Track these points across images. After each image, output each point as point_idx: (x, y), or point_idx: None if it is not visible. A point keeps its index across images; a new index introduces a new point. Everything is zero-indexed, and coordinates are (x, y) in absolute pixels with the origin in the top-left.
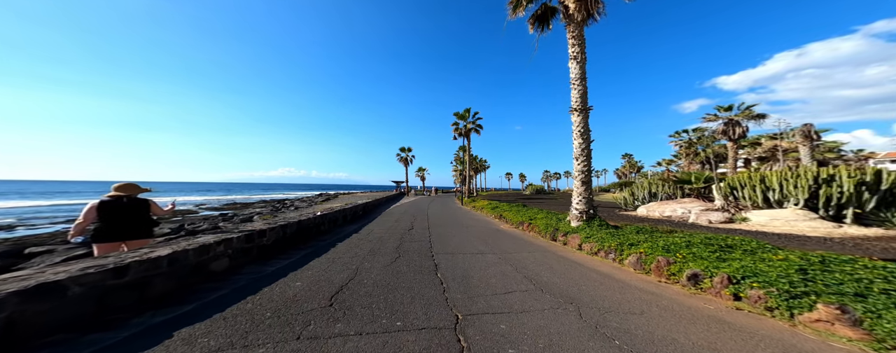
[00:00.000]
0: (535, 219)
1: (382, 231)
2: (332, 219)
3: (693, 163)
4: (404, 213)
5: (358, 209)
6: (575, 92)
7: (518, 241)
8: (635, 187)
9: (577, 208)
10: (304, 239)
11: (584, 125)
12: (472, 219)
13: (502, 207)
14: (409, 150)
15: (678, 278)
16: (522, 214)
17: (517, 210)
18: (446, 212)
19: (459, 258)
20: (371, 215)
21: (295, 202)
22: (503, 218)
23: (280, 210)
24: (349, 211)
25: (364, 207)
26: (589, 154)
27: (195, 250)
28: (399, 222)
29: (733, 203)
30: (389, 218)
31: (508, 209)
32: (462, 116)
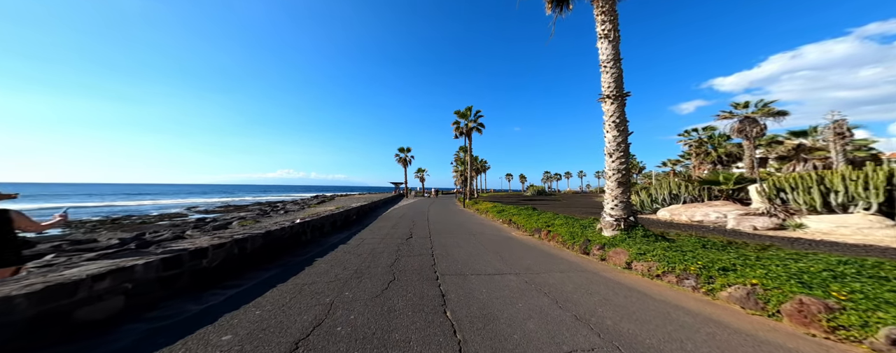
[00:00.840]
0: (553, 225)
1: (376, 241)
2: (317, 226)
3: (703, 163)
4: (402, 217)
5: (351, 213)
6: (607, 76)
7: (540, 254)
8: (653, 189)
9: (611, 214)
10: (274, 255)
11: (620, 114)
12: (477, 224)
13: (509, 210)
14: (408, 150)
15: (854, 335)
16: (536, 219)
17: (528, 215)
18: (448, 215)
19: (473, 283)
20: (365, 219)
21: (287, 205)
22: (513, 223)
23: (267, 214)
24: (339, 216)
25: (358, 210)
26: (627, 149)
27: (39, 295)
28: (396, 229)
29: (781, 207)
30: (386, 223)
31: (517, 213)
32: (463, 114)
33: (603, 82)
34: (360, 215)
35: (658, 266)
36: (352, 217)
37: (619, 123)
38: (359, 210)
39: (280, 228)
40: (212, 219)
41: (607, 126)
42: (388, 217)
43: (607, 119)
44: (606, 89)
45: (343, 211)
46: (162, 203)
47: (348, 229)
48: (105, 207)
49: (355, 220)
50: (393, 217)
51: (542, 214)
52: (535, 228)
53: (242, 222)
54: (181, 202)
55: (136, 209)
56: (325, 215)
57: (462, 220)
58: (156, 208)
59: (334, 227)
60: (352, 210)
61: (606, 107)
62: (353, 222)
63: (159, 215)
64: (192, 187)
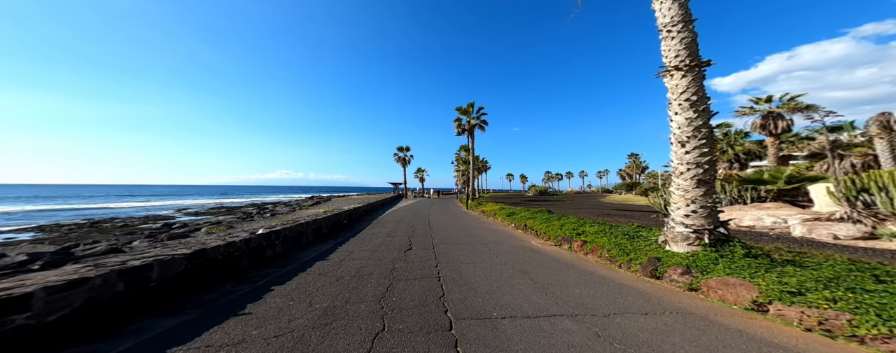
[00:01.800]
0: (585, 233)
1: (366, 255)
2: (292, 237)
3: (718, 162)
4: (401, 220)
5: (340, 218)
6: (673, 42)
7: (586, 277)
8: None
9: (686, 223)
10: (204, 284)
11: (697, 89)
12: (486, 230)
13: (520, 212)
14: (407, 149)
15: None
16: (559, 224)
17: (546, 219)
18: (451, 219)
19: (511, 336)
20: (358, 224)
21: (277, 207)
22: (531, 230)
23: (251, 218)
24: (325, 222)
25: (349, 214)
26: (709, 135)
27: None
28: (392, 237)
29: (867, 212)
30: (381, 229)
31: (531, 216)
32: (465, 111)
33: (667, 51)
34: (351, 220)
35: (844, 320)
36: (342, 222)
37: (696, 101)
38: (351, 214)
39: (225, 243)
40: (181, 223)
41: (677, 106)
42: (384, 222)
43: (676, 97)
44: (672, 59)
45: (332, 215)
46: (154, 205)
47: (335, 237)
48: (93, 209)
49: (346, 225)
50: (389, 221)
51: (564, 218)
52: (563, 236)
53: (213, 229)
54: (174, 203)
55: (124, 212)
56: (307, 220)
57: (468, 224)
58: (145, 210)
59: (318, 235)
60: (342, 214)
61: (674, 81)
62: (342, 229)
63: (145, 217)
64: (191, 189)
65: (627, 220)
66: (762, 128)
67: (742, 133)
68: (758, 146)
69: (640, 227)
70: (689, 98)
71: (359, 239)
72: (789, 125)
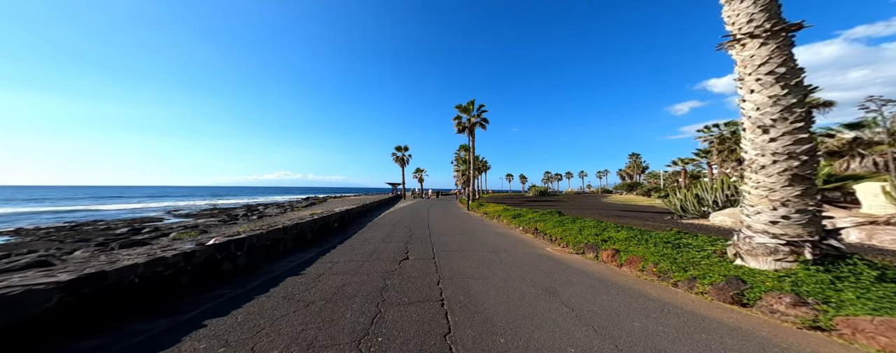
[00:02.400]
0: (614, 240)
1: (352, 267)
2: (262, 245)
3: (727, 161)
4: (397, 223)
5: (330, 221)
6: (744, 4)
7: (638, 301)
8: (699, 189)
9: (773, 233)
10: (109, 316)
11: (784, 60)
12: (492, 234)
13: (528, 214)
14: (405, 149)
15: None
16: (576, 229)
17: (559, 221)
18: (453, 221)
19: None
20: (350, 227)
21: (268, 209)
22: (542, 234)
23: (234, 220)
24: (308, 227)
25: (341, 217)
26: (806, 117)
27: None
28: (387, 243)
29: None
30: (374, 234)
31: (541, 219)
32: (465, 108)
33: (735, 15)
34: (343, 223)
35: None
36: (331, 226)
37: (785, 73)
38: (342, 216)
39: (148, 261)
40: (154, 227)
41: (754, 83)
42: (379, 225)
43: (753, 71)
44: (747, 25)
45: (319, 218)
46: (148, 206)
47: (321, 243)
48: (83, 211)
49: (336, 229)
50: (385, 224)
51: (580, 220)
52: (585, 243)
53: (182, 234)
54: (168, 205)
55: (114, 214)
56: (286, 225)
57: (470, 227)
58: (134, 213)
59: (299, 242)
60: (332, 217)
61: (748, 53)
62: (331, 233)
63: (131, 220)
64: (190, 189)
65: (642, 221)
66: None
67: None
68: None
69: (680, 233)
70: (773, 71)
71: (347, 246)
72: None
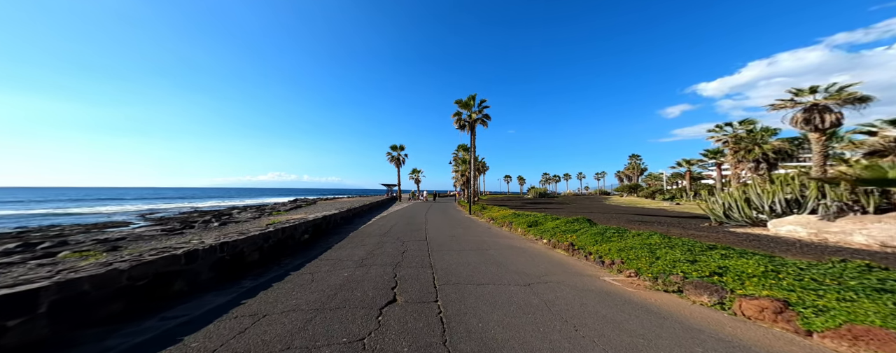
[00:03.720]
0: (731, 270)
1: (283, 332)
2: (128, 287)
3: (743, 162)
4: (388, 233)
5: (297, 232)
6: None
7: None
8: (751, 190)
9: None
10: None
11: None
12: (512, 250)
13: (547, 222)
14: (401, 148)
15: None
16: (637, 243)
17: (603, 236)
18: (455, 229)
19: None
20: (326, 240)
21: (241, 213)
22: (579, 250)
23: (189, 227)
24: (251, 244)
25: (314, 226)
26: None
27: None
28: (367, 268)
29: None
30: (354, 251)
31: (568, 228)
32: (465, 104)
33: None
34: (318, 233)
35: None
36: (298, 239)
37: None
38: (316, 225)
39: None
40: (60, 241)
41: None
42: (364, 235)
43: None
44: None
45: (279, 229)
46: (122, 210)
47: (267, 268)
48: (38, 214)
49: (306, 242)
50: (372, 234)
51: (636, 234)
52: (691, 280)
53: (85, 252)
54: (145, 208)
55: (73, 219)
56: (206, 246)
57: (479, 238)
58: (101, 216)
59: (235, 268)
60: (301, 227)
61: None
62: (295, 248)
63: (92, 225)
64: (180, 191)
65: (681, 230)
66: (806, 122)
67: (771, 130)
68: (789, 145)
69: (846, 263)
70: None
71: (306, 274)
72: (839, 119)
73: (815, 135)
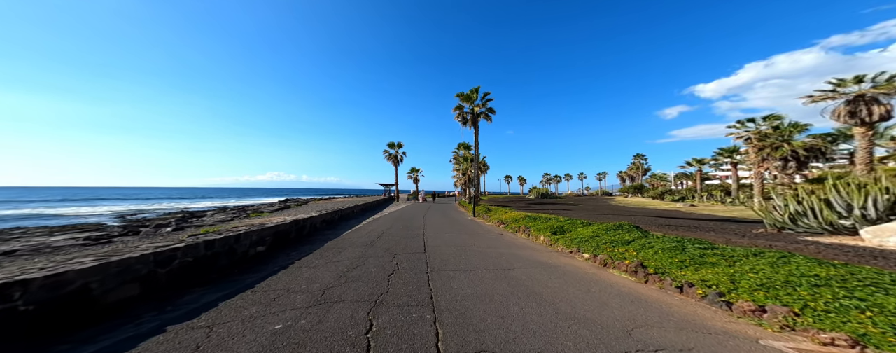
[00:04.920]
0: None
1: None
2: None
3: (769, 159)
4: (378, 240)
5: (249, 242)
6: None
7: None
8: (836, 189)
9: None
10: None
11: None
12: (547, 271)
13: (577, 228)
14: (399, 146)
15: None
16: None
17: (682, 250)
18: (460, 236)
19: None
20: (294, 250)
21: (215, 215)
22: (653, 274)
23: (132, 233)
24: (150, 262)
25: (277, 233)
26: None
27: None
28: (327, 309)
29: None
30: (321, 271)
31: (613, 238)
32: (468, 97)
33: None
34: (281, 243)
35: None
36: (246, 252)
37: None
38: (280, 233)
39: None
40: None
41: None
42: (345, 244)
43: None
44: None
45: (211, 240)
46: (105, 211)
47: (165, 307)
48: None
49: (260, 256)
50: (356, 243)
51: (710, 247)
52: None
53: None
54: (119, 209)
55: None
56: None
57: (494, 251)
58: (74, 217)
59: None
60: (252, 236)
61: None
62: (231, 268)
63: (58, 228)
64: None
65: (724, 236)
66: (851, 115)
67: (800, 126)
68: (823, 141)
69: None
70: None
71: (196, 331)
72: (889, 112)
73: (860, 129)
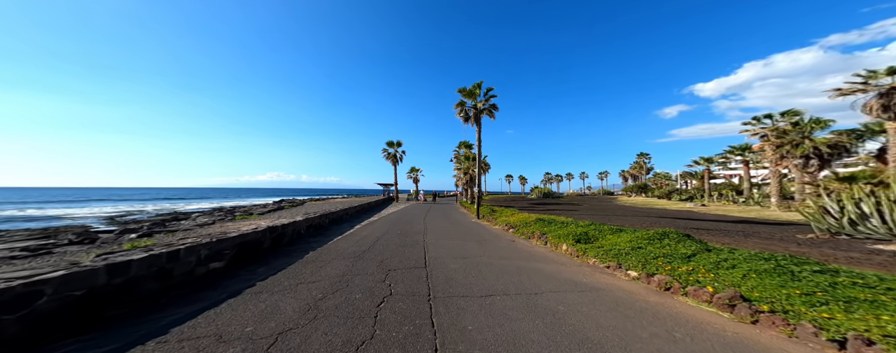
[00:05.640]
0: None
1: None
2: None
3: (787, 158)
4: (370, 249)
5: (192, 259)
6: None
7: None
8: None
9: None
10: None
11: None
12: (588, 296)
13: (609, 236)
14: (398, 144)
15: None
16: None
17: (788, 273)
18: (467, 244)
19: None
20: (254, 268)
21: (195, 217)
22: (758, 310)
23: (76, 244)
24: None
25: (239, 244)
26: None
27: None
28: None
29: None
30: (285, 300)
31: (665, 250)
32: (470, 92)
33: None
34: (248, 256)
35: None
36: (189, 272)
37: None
38: (245, 244)
39: None
40: None
41: None
42: (330, 255)
43: None
44: None
45: (155, 256)
46: (81, 212)
47: None
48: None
49: (213, 275)
50: (342, 255)
51: (795, 261)
52: None
53: None
54: (119, 210)
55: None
56: None
57: (510, 264)
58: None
59: None
60: (199, 251)
61: None
62: (187, 287)
63: (38, 231)
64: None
65: (766, 242)
66: (884, 109)
67: (822, 122)
68: (847, 138)
69: None
70: None
71: None
72: None
73: (893, 124)
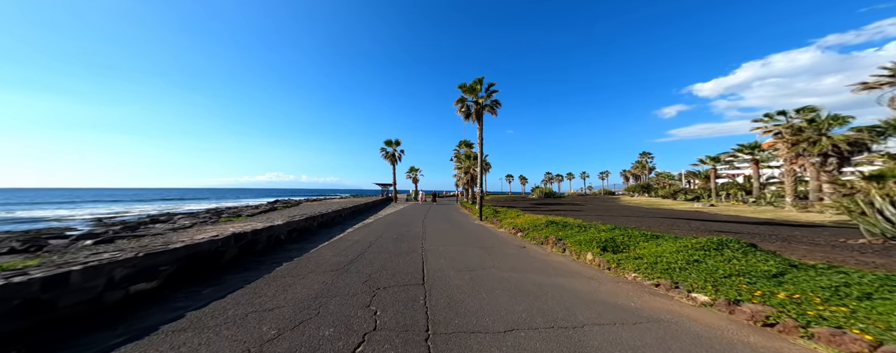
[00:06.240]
0: None
1: None
2: None
3: (803, 156)
4: (358, 259)
5: (92, 281)
6: None
7: None
8: None
9: None
10: None
11: None
12: (648, 339)
13: (648, 245)
14: (397, 143)
15: None
16: None
17: None
18: (472, 252)
19: None
20: (203, 289)
21: (179, 219)
22: None
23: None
24: None
25: (187, 257)
26: None
27: None
28: None
29: None
30: (220, 346)
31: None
32: (471, 88)
33: None
34: (213, 266)
35: None
36: (119, 293)
37: None
38: (204, 252)
39: None
40: None
41: None
42: (308, 268)
43: None
44: None
45: (34, 280)
46: (68, 213)
47: None
48: None
49: (140, 299)
50: (322, 268)
51: None
52: None
53: None
54: (109, 211)
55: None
56: None
57: (528, 279)
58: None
59: None
60: (104, 270)
61: None
62: (90, 319)
63: (15, 234)
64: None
65: (806, 248)
66: None
67: (841, 118)
68: (868, 134)
69: None
70: None
71: None
72: None
73: None
